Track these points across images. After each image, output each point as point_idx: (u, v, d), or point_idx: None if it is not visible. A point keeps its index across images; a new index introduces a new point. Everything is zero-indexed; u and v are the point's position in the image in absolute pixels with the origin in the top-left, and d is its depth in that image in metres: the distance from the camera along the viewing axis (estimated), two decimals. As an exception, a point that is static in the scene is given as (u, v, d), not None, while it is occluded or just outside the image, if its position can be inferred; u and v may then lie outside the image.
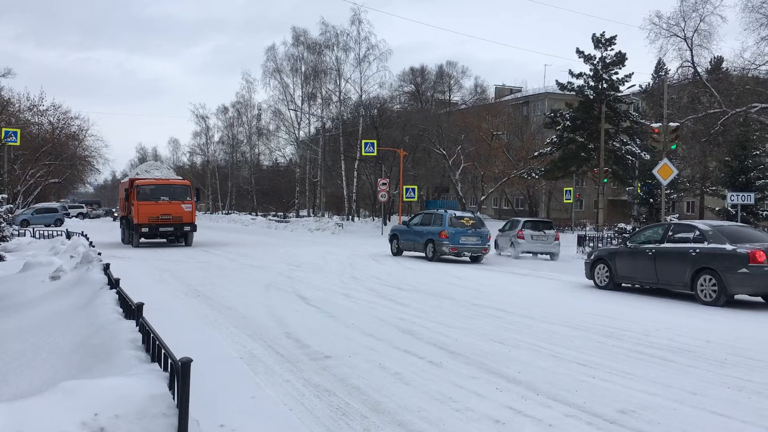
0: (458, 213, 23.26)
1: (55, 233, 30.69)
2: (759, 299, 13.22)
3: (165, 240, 28.22)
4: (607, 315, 11.02)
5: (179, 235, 27.53)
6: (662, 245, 14.05)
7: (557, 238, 24.54)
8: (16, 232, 28.90)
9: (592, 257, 16.13)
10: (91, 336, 5.74)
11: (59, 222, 46.91)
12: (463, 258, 22.78)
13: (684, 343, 8.60)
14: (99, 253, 12.32)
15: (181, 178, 32.97)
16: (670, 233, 14.20)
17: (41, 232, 31.75)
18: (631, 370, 7.10)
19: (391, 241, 25.23)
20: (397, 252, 24.66)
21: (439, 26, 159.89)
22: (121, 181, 36.03)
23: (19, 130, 34.48)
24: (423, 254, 23.00)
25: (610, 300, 13.32)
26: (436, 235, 22.27)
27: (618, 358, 7.71)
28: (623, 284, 15.23)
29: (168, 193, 26.82)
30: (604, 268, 15.39)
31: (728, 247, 12.67)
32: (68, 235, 24.26)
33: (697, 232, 13.55)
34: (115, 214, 65.28)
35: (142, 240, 27.23)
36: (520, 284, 15.91)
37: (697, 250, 13.13)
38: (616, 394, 6.13)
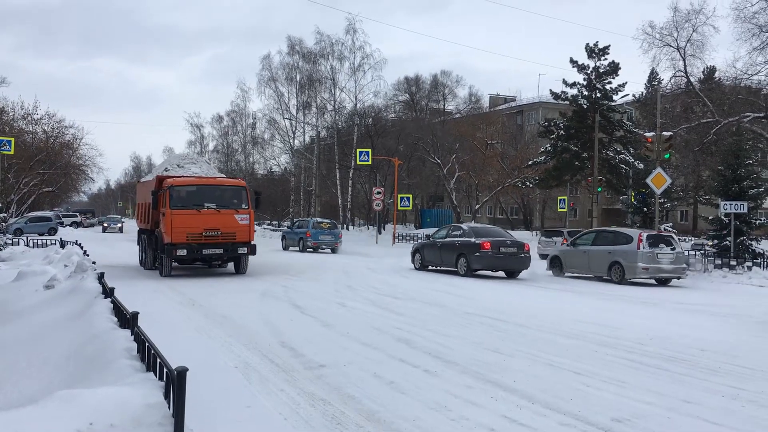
0: (319, 220, 34.90)
1: (48, 242, 30.56)
2: (498, 274, 20.68)
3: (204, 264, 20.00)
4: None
5: (229, 259, 18.89)
6: (445, 240, 21.46)
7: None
8: (10, 241, 28.78)
9: (413, 248, 23.46)
10: (85, 345, 5.72)
11: (53, 231, 46.73)
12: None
13: (678, 352, 8.63)
14: (93, 262, 12.29)
15: (225, 177, 23.18)
16: (450, 231, 21.84)
17: (35, 241, 31.62)
18: (625, 378, 7.12)
19: (282, 239, 36.06)
20: (285, 248, 34.29)
21: (436, 36, 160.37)
22: (141, 181, 25.11)
23: (13, 139, 34.34)
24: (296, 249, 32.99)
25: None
26: (303, 234, 32.93)
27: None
28: (429, 267, 22.23)
29: (215, 198, 17.92)
30: (417, 255, 22.57)
31: (474, 240, 20.06)
32: (62, 244, 24.13)
33: (461, 231, 21.26)
34: (105, 224, 63.75)
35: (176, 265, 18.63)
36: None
37: (458, 242, 20.63)
38: (611, 403, 6.14)
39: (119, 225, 62.61)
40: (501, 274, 20.74)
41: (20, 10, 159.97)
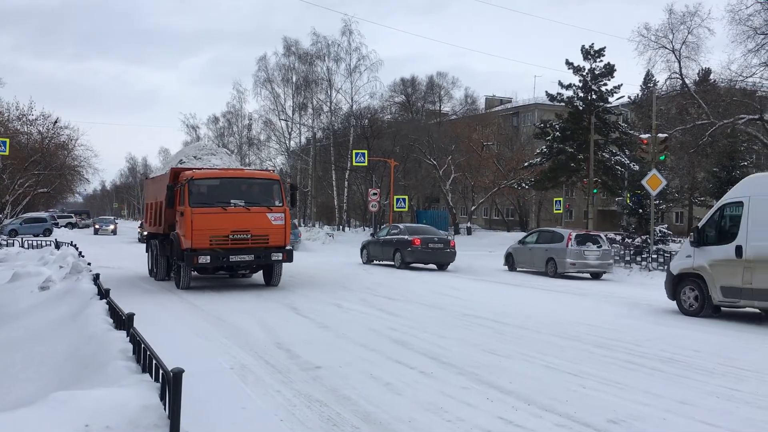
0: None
1: (43, 243, 30.48)
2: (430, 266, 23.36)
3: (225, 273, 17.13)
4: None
5: (258, 267, 15.90)
6: (386, 237, 24.34)
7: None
8: (5, 242, 28.71)
9: (361, 245, 26.21)
10: (81, 347, 5.71)
11: (48, 232, 46.61)
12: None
13: (674, 353, 8.65)
14: (88, 263, 12.27)
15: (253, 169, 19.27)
16: (390, 230, 24.83)
17: (30, 242, 31.54)
18: (621, 379, 7.13)
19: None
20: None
21: (432, 38, 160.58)
22: (150, 177, 22.40)
23: (8, 140, 34.21)
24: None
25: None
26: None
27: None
28: (374, 261, 24.85)
29: (243, 194, 15.08)
30: (364, 251, 25.50)
31: (407, 237, 22.97)
32: (57, 245, 24.04)
33: (398, 229, 24.19)
34: (97, 226, 59.36)
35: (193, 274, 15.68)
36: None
37: (395, 239, 23.45)
38: (607, 404, 6.15)
39: (112, 227, 59.04)
40: (433, 266, 23.48)
41: (19, 11, 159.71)
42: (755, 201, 11.49)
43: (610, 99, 45.34)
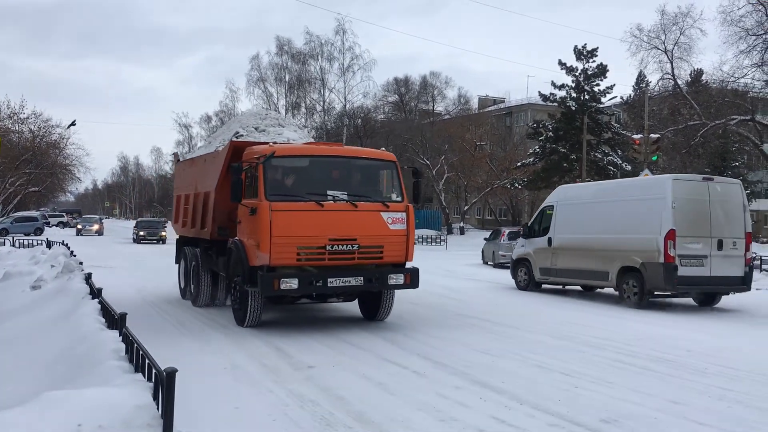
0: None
1: (35, 242, 30.34)
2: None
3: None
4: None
5: (364, 293, 10.72)
6: None
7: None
8: (-4, 241, 28.56)
9: None
10: (73, 346, 5.69)
11: (39, 231, 46.40)
12: None
13: (665, 353, 8.68)
14: (80, 262, 12.22)
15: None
16: None
17: (21, 241, 31.39)
18: (613, 378, 7.15)
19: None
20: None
21: (426, 38, 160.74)
22: (182, 160, 15.38)
23: (-1, 138, 34.05)
24: None
25: None
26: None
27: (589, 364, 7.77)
28: None
29: (344, 182, 10.16)
30: None
31: None
32: (48, 244, 23.93)
33: None
34: (79, 226, 51.62)
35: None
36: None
37: None
38: (599, 403, 6.17)
39: (96, 226, 51.38)
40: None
41: (13, 9, 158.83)
42: (560, 205, 15.60)
43: (603, 99, 45.49)
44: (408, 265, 10.17)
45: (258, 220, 9.27)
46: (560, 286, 16.27)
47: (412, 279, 10.10)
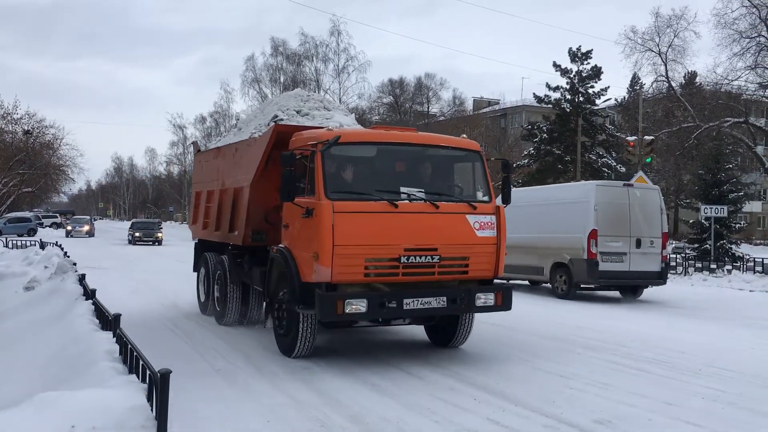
0: None
1: (28, 243, 30.22)
2: None
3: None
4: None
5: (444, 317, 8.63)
6: None
7: None
8: (-11, 242, 28.42)
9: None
10: (67, 347, 5.67)
11: (32, 232, 46.22)
12: None
13: (659, 354, 8.70)
14: (74, 263, 12.18)
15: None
16: None
17: (14, 241, 31.26)
18: (607, 380, 7.17)
19: None
20: None
21: (423, 40, 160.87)
22: (204, 150, 13.19)
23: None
24: None
25: None
26: None
27: (596, 368, 7.79)
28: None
29: (416, 177, 8.17)
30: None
31: None
32: (42, 245, 23.82)
33: None
34: (69, 228, 49.24)
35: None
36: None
37: None
38: (593, 405, 6.18)
39: (86, 227, 48.94)
40: None
41: (9, 10, 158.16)
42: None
43: (597, 101, 45.56)
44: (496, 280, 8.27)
45: (315, 225, 7.30)
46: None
47: (504, 299, 8.06)
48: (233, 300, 10.19)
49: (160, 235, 39.93)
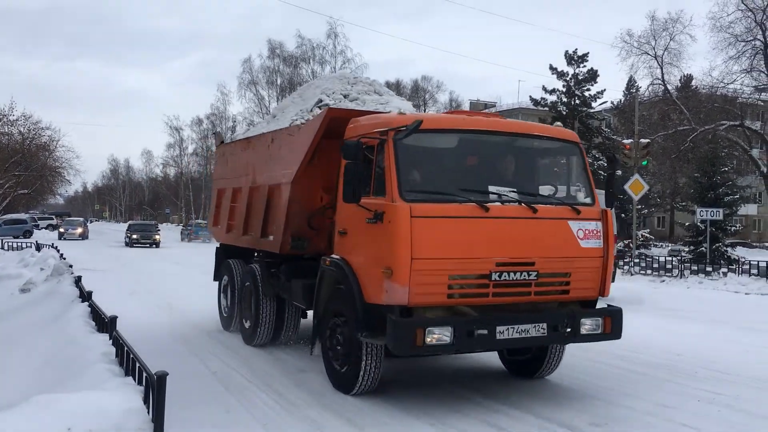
0: None
1: (24, 245, 30.13)
2: None
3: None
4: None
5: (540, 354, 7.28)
6: None
7: None
8: (-16, 244, 28.34)
9: None
10: (63, 349, 5.66)
11: (28, 234, 46.09)
12: None
13: (655, 356, 8.71)
14: (70, 266, 12.15)
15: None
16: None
17: (10, 243, 31.17)
18: (606, 384, 7.17)
19: None
20: None
21: (420, 42, 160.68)
22: (230, 141, 12.25)
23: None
24: None
25: None
26: None
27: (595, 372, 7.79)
28: None
29: (508, 173, 6.78)
30: None
31: None
32: (38, 247, 23.75)
33: None
34: (62, 230, 47.63)
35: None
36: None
37: None
38: (591, 407, 6.19)
39: (79, 230, 47.38)
40: None
41: (5, 11, 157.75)
42: None
43: (594, 104, 45.65)
44: (601, 301, 6.81)
45: (387, 233, 5.92)
46: None
47: (614, 325, 6.59)
48: (266, 317, 8.63)
49: (157, 237, 39.80)
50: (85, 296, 7.59)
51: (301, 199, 7.85)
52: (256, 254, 9.24)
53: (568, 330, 6.26)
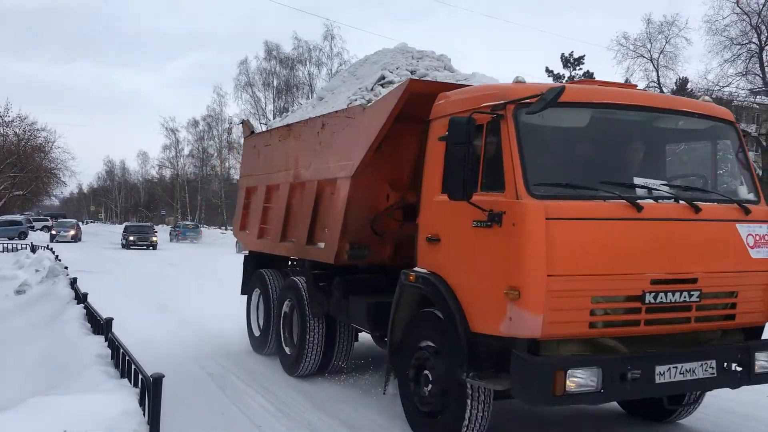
0: None
1: (19, 246, 30.04)
2: None
3: None
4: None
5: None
6: None
7: None
8: (-21, 245, 28.25)
9: None
10: (58, 351, 5.64)
11: (23, 235, 45.96)
12: None
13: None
14: (66, 267, 12.13)
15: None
16: None
17: (5, 245, 31.08)
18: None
19: None
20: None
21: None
22: (265, 130, 10.05)
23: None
24: None
25: None
26: None
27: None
28: None
29: (654, 161, 5.38)
30: None
31: None
32: (33, 249, 23.68)
33: None
34: (54, 232, 45.94)
35: None
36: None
37: None
38: (587, 407, 6.19)
39: (71, 232, 45.65)
40: None
41: (2, 12, 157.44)
42: None
43: (590, 107, 45.85)
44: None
45: (509, 240, 4.45)
46: None
47: None
48: (314, 342, 7.08)
49: (155, 239, 39.68)
50: (81, 298, 7.57)
51: (363, 197, 6.33)
52: (290, 263, 8.19)
53: (740, 369, 4.81)
